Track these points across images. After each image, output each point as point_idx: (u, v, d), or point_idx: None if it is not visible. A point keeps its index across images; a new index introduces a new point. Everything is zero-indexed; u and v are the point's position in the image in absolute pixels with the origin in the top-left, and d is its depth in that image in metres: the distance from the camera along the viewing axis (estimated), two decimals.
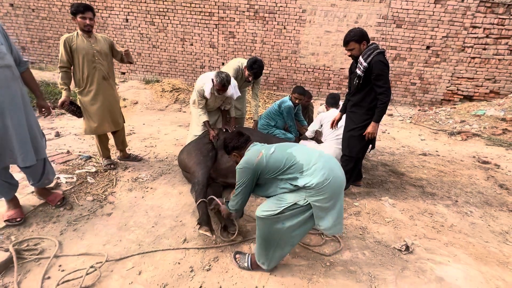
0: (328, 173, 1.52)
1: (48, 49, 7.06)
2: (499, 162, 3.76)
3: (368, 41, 2.35)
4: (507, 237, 2.29)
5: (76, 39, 2.47)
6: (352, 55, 2.40)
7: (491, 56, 5.79)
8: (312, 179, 1.50)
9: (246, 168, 1.62)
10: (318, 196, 1.51)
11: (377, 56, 2.26)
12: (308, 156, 1.59)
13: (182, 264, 1.79)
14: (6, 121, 1.76)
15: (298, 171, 1.56)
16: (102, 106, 2.67)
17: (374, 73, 2.27)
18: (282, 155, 1.60)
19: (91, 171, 2.80)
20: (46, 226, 2.03)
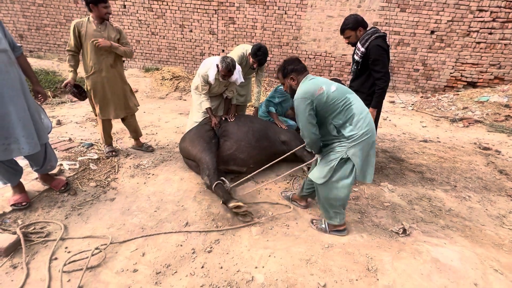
0: (370, 129, 1.69)
1: (46, 37, 6.96)
2: (500, 148, 3.75)
3: (365, 27, 2.35)
4: (503, 220, 2.32)
5: (86, 25, 2.47)
6: (350, 42, 2.42)
7: (497, 41, 5.66)
8: (358, 131, 1.67)
9: (306, 99, 1.66)
10: (356, 147, 1.69)
11: (375, 40, 2.25)
12: (360, 108, 1.71)
13: (184, 246, 1.85)
14: (8, 107, 1.74)
15: (349, 119, 1.68)
16: (108, 93, 2.68)
17: (371, 58, 2.26)
18: (341, 97, 1.68)
19: (93, 158, 2.83)
20: (51, 211, 2.08)
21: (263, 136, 2.78)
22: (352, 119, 1.69)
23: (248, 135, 2.68)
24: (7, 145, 1.78)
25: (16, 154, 1.83)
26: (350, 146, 1.71)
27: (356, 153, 1.70)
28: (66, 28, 6.83)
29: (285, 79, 1.86)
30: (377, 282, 1.63)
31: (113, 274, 1.61)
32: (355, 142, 1.69)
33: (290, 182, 2.70)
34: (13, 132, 1.78)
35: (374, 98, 2.35)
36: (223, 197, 2.11)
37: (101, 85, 2.64)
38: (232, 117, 2.88)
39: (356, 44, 2.35)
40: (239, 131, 2.70)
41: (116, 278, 1.59)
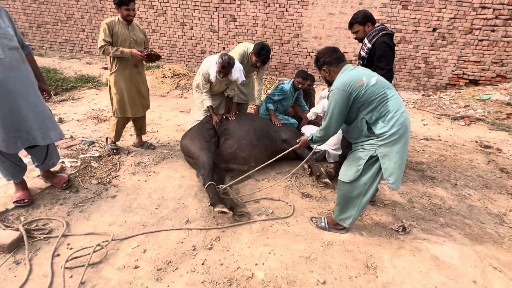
0: (403, 129, 1.59)
1: (47, 34, 6.97)
2: (502, 146, 3.74)
3: (373, 23, 2.36)
4: (503, 218, 2.32)
5: (118, 25, 2.56)
6: (357, 37, 2.42)
7: (500, 39, 5.62)
8: (389, 130, 1.59)
9: (343, 92, 1.60)
10: (386, 147, 1.61)
11: (382, 37, 2.26)
12: (397, 105, 1.61)
13: (185, 243, 1.86)
14: (19, 102, 1.80)
15: (383, 116, 1.61)
16: (130, 92, 2.74)
17: (376, 54, 2.27)
18: (379, 92, 1.60)
19: (94, 155, 2.85)
20: (53, 208, 2.10)
21: (264, 134, 2.78)
22: (386, 116, 1.61)
23: (249, 133, 2.69)
24: (17, 137, 1.84)
25: (26, 144, 1.90)
26: (379, 145, 1.63)
27: (386, 153, 1.62)
28: (67, 26, 6.83)
29: (320, 71, 1.86)
30: (377, 279, 1.64)
31: (115, 270, 1.63)
32: (385, 141, 1.61)
33: (291, 179, 2.71)
34: (24, 125, 1.84)
35: None
36: (211, 199, 2.12)
37: (124, 83, 2.68)
38: (233, 115, 2.88)
39: (363, 40, 2.36)
40: (240, 130, 2.71)
41: (117, 274, 1.60)
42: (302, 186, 2.62)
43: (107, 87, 2.84)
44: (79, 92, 5.23)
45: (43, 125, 1.94)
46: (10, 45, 1.74)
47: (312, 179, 2.72)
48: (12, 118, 1.79)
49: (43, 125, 1.94)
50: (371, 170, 1.71)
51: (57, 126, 2.09)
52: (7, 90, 1.73)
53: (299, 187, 2.58)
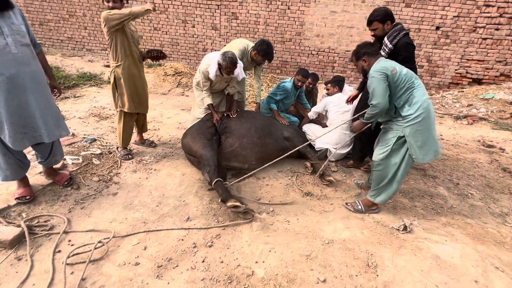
0: (426, 112, 1.84)
1: (49, 32, 6.98)
2: (505, 146, 3.72)
3: (393, 20, 2.32)
4: (506, 218, 2.31)
5: None
6: (375, 35, 2.38)
7: (504, 37, 5.56)
8: (414, 113, 1.84)
9: (381, 73, 1.86)
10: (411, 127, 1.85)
11: (404, 38, 2.26)
12: (422, 93, 1.88)
13: (186, 240, 1.86)
14: (28, 97, 1.83)
15: (409, 100, 1.87)
16: (137, 86, 2.70)
17: (401, 55, 2.26)
18: (409, 80, 1.88)
19: (96, 153, 2.85)
20: (54, 204, 2.11)
21: (266, 132, 2.77)
22: (412, 101, 1.86)
23: (251, 131, 2.68)
24: (24, 134, 1.86)
25: (32, 142, 1.92)
26: (405, 126, 1.87)
27: (411, 132, 1.86)
28: (69, 24, 6.84)
29: (358, 62, 2.07)
30: (377, 278, 1.64)
31: (115, 267, 1.63)
32: (410, 122, 1.85)
33: (292, 178, 2.71)
34: (31, 122, 1.87)
35: None
36: (221, 195, 2.12)
37: (132, 76, 2.63)
38: (234, 113, 2.87)
39: (383, 39, 2.32)
40: (241, 128, 2.70)
41: (118, 271, 1.61)
42: (303, 184, 2.62)
43: (109, 84, 2.80)
44: (81, 90, 5.24)
45: (50, 122, 1.97)
46: (23, 42, 1.79)
47: (313, 178, 2.72)
48: (20, 113, 1.81)
49: (50, 122, 1.96)
50: (400, 150, 1.92)
51: (64, 123, 2.11)
52: (18, 84, 1.77)
53: (300, 186, 2.57)
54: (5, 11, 1.71)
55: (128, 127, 2.79)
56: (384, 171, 2.01)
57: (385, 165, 1.99)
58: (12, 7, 1.75)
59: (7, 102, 1.75)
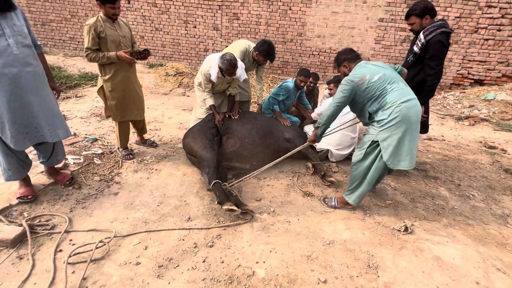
0: (401, 116, 1.79)
1: (51, 32, 7.01)
2: (506, 147, 3.70)
3: (433, 16, 2.24)
4: (508, 220, 2.30)
5: (103, 26, 2.38)
6: (413, 29, 2.31)
7: (506, 38, 5.54)
8: (387, 117, 1.83)
9: (348, 84, 1.92)
10: (385, 132, 1.85)
11: (439, 35, 2.15)
12: (396, 98, 1.83)
13: (186, 240, 1.87)
14: (30, 98, 1.84)
15: (382, 106, 1.87)
16: (128, 93, 2.64)
17: (429, 53, 2.19)
18: (380, 87, 1.87)
19: (97, 152, 2.86)
20: (56, 204, 2.12)
21: (267, 133, 2.77)
22: (384, 107, 1.86)
23: (252, 132, 2.68)
24: (25, 134, 1.87)
25: (34, 141, 1.93)
26: (380, 130, 1.89)
27: (384, 137, 1.86)
28: (71, 24, 6.87)
29: (339, 68, 2.14)
30: (378, 279, 1.63)
31: (116, 266, 1.64)
32: (384, 127, 1.86)
33: (293, 178, 2.70)
34: (33, 121, 1.88)
35: (423, 94, 2.26)
36: (218, 197, 2.11)
37: (122, 85, 2.58)
38: (236, 114, 2.87)
39: (419, 34, 2.24)
40: (243, 128, 2.70)
41: (119, 270, 1.61)
42: (304, 185, 2.61)
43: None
44: (83, 90, 5.26)
45: (52, 122, 1.98)
46: (24, 43, 1.80)
47: (314, 178, 2.72)
48: (22, 113, 1.82)
49: (51, 122, 1.97)
50: (373, 154, 1.96)
51: (65, 123, 2.12)
52: (20, 85, 1.78)
53: (301, 186, 2.57)
54: (7, 12, 1.72)
55: (124, 130, 2.78)
56: (357, 172, 2.06)
57: (358, 167, 2.05)
58: (14, 9, 1.76)
59: (9, 103, 1.76)
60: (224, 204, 2.02)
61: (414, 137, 1.86)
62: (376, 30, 5.93)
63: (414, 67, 2.35)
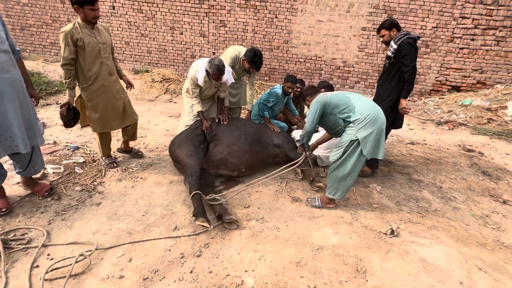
0: (373, 113, 2.07)
1: (31, 37, 6.77)
2: (483, 150, 3.88)
3: (399, 29, 2.69)
4: (487, 220, 2.39)
5: (81, 33, 2.19)
6: (384, 41, 2.78)
7: (479, 47, 5.88)
8: (361, 116, 2.07)
9: (317, 104, 2.23)
10: (363, 130, 2.05)
11: (407, 39, 2.57)
12: (359, 100, 2.17)
13: (173, 250, 1.81)
14: (6, 105, 1.76)
15: (351, 110, 2.13)
16: (109, 104, 2.46)
17: (402, 53, 2.57)
18: (342, 98, 2.20)
19: (79, 161, 2.75)
20: (33, 216, 2.00)
21: (256, 140, 2.76)
22: (354, 110, 2.12)
23: (240, 139, 2.66)
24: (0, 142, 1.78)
25: (8, 151, 1.84)
26: (358, 129, 2.08)
27: (363, 134, 2.05)
28: (52, 29, 6.67)
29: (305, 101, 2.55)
30: (366, 283, 1.64)
31: (98, 281, 1.56)
32: (360, 125, 2.06)
33: (281, 184, 2.70)
34: (8, 130, 1.80)
35: (404, 89, 2.65)
36: (194, 210, 2.04)
37: (101, 94, 2.40)
38: (225, 119, 2.85)
39: (390, 43, 2.69)
40: (231, 135, 2.68)
41: (101, 285, 1.54)
42: (292, 190, 2.62)
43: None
44: (64, 96, 5.07)
45: (28, 132, 1.89)
46: (2, 48, 1.74)
47: (303, 184, 2.73)
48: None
49: (27, 131, 1.89)
50: (354, 152, 2.11)
51: (39, 131, 2.04)
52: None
53: (289, 192, 2.57)
54: None
55: (105, 140, 2.64)
56: (339, 169, 2.19)
57: (339, 164, 2.18)
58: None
59: None
60: (198, 219, 1.95)
61: (383, 132, 2.14)
62: (359, 38, 6.13)
63: (391, 69, 2.75)
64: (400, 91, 2.70)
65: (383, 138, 2.14)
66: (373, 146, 2.08)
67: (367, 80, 6.48)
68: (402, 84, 2.68)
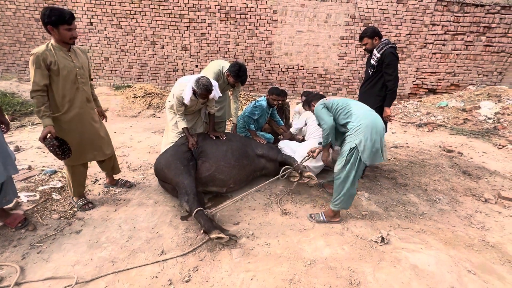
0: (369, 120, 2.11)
1: (3, 56, 6.50)
2: (462, 150, 4.04)
3: (380, 37, 2.76)
4: (471, 220, 2.45)
5: (55, 56, 1.96)
6: (366, 49, 2.83)
7: (450, 51, 6.21)
8: (356, 123, 2.12)
9: (322, 106, 2.30)
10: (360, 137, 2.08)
11: (389, 49, 2.66)
12: (358, 108, 2.22)
13: (160, 277, 1.72)
14: None
15: (348, 117, 2.19)
16: (84, 132, 2.19)
17: (385, 62, 2.66)
18: (342, 103, 2.27)
19: (56, 186, 2.60)
20: (5, 251, 1.85)
21: (242, 154, 2.72)
22: (351, 117, 2.17)
23: (227, 154, 2.61)
24: None
25: None
26: (355, 136, 2.11)
27: (361, 141, 2.08)
28: (26, 47, 6.44)
29: (310, 108, 2.61)
30: None
31: None
32: (356, 132, 2.11)
33: (270, 197, 2.67)
34: None
35: (387, 98, 2.75)
36: (204, 226, 2.00)
37: (76, 123, 2.13)
38: (222, 135, 2.80)
39: (373, 51, 2.75)
40: (217, 151, 2.62)
41: None
42: (281, 203, 2.59)
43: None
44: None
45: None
46: None
47: (292, 196, 2.71)
48: None
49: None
50: (352, 159, 2.13)
51: (12, 161, 1.89)
52: None
53: (279, 204, 2.54)
54: None
55: (78, 174, 2.29)
56: (346, 180, 2.17)
57: (342, 175, 2.18)
58: None
59: None
60: (211, 232, 1.91)
61: (382, 138, 2.16)
62: (339, 47, 6.33)
63: (374, 77, 2.83)
64: (383, 98, 2.78)
65: (382, 143, 2.18)
66: (371, 152, 2.10)
67: (348, 86, 6.65)
68: (384, 91, 2.76)
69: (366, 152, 2.08)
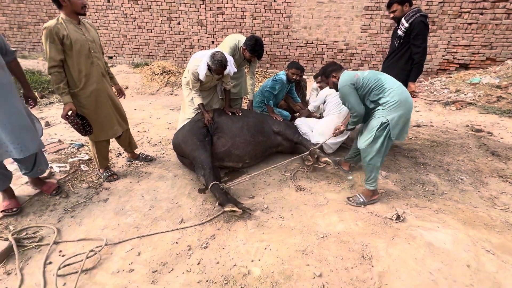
0: (402, 98, 2.02)
1: (29, 35, 6.73)
2: (492, 129, 3.78)
3: (411, 4, 2.55)
4: (495, 201, 2.36)
5: (66, 29, 1.94)
6: (395, 16, 2.61)
7: (488, 21, 5.60)
8: (391, 99, 2.03)
9: (348, 85, 2.14)
10: (394, 113, 2.01)
11: (420, 17, 2.44)
12: (391, 83, 2.09)
13: (180, 243, 1.84)
14: None
15: (382, 92, 2.09)
16: (103, 108, 2.24)
17: (414, 32, 2.45)
18: (374, 78, 2.12)
19: (84, 158, 2.79)
20: (43, 215, 2.05)
21: (258, 130, 2.74)
22: (385, 92, 2.07)
23: (243, 130, 2.64)
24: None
25: (4, 157, 1.83)
26: (388, 111, 2.04)
27: (394, 118, 2.02)
28: None
29: (328, 79, 2.33)
30: (372, 269, 1.65)
31: (109, 275, 1.61)
32: (390, 108, 2.03)
33: (285, 173, 2.70)
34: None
35: (412, 72, 2.57)
36: (219, 199, 2.09)
37: (94, 99, 2.18)
38: (238, 111, 2.82)
39: (401, 19, 2.54)
40: (233, 127, 2.65)
41: (112, 279, 1.58)
42: (296, 179, 2.61)
43: None
44: None
45: (19, 137, 1.84)
46: None
47: (306, 172, 2.72)
48: None
49: (19, 136, 1.83)
50: (382, 135, 2.07)
51: (37, 136, 1.97)
52: None
53: (294, 181, 2.57)
54: None
55: (102, 149, 2.40)
56: (370, 157, 2.14)
57: (369, 152, 2.13)
58: None
59: None
60: (226, 205, 2.00)
61: (410, 115, 2.12)
62: (362, 18, 5.91)
63: (401, 49, 2.62)
64: (408, 73, 2.60)
65: (409, 121, 2.13)
66: (400, 129, 2.06)
67: (370, 62, 6.29)
68: (410, 65, 2.57)
69: (397, 129, 2.03)
